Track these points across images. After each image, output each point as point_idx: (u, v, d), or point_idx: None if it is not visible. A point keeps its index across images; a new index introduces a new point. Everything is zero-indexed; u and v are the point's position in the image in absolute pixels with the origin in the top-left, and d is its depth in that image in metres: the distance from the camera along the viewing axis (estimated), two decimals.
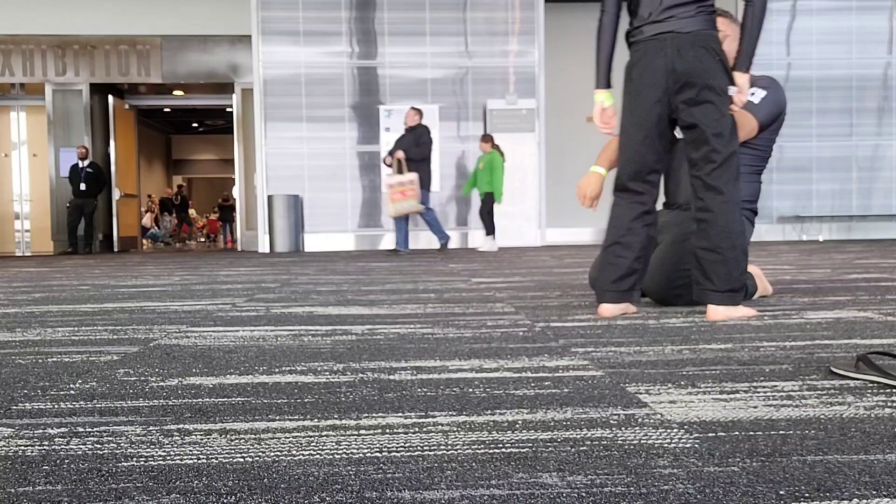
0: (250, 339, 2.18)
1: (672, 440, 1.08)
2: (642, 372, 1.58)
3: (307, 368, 1.69)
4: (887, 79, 11.01)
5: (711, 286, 2.36)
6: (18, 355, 1.95)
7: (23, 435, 1.17)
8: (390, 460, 1.01)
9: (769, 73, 10.91)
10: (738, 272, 2.35)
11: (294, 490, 0.90)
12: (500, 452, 1.03)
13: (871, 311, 2.56)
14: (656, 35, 2.37)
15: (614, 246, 2.49)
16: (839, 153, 11.01)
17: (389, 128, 10.76)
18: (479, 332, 2.23)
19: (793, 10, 10.98)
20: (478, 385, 1.47)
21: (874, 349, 1.80)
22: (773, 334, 2.08)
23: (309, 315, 2.73)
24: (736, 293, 2.36)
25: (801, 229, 11.06)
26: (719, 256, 2.35)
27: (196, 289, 4.10)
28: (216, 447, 1.08)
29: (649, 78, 2.39)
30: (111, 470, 0.99)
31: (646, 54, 2.39)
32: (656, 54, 2.37)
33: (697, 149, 2.41)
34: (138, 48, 11.79)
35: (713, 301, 2.36)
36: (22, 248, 13.03)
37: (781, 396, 1.34)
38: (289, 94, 10.70)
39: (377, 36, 10.77)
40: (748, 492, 0.87)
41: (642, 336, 2.10)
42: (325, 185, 10.77)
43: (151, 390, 1.49)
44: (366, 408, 1.31)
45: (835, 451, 1.01)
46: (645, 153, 2.47)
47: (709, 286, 2.37)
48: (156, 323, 2.60)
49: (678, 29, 2.34)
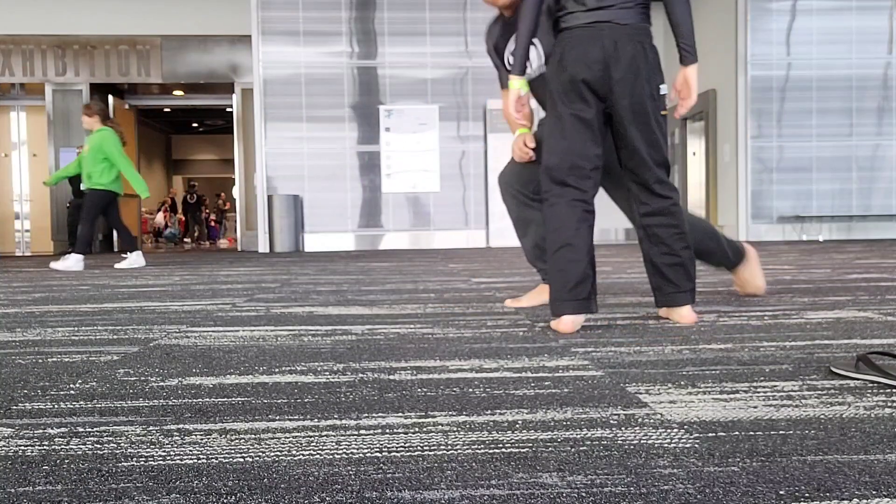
0: (250, 339, 2.18)
1: (672, 440, 1.08)
2: (642, 372, 1.58)
3: (307, 368, 1.69)
4: (887, 79, 11.00)
5: (675, 289, 2.35)
6: (18, 355, 1.95)
7: (23, 435, 1.17)
8: (390, 460, 1.01)
9: (769, 73, 10.92)
10: (694, 270, 2.36)
11: (294, 490, 0.90)
12: (500, 452, 1.03)
13: (871, 311, 2.56)
14: (592, 23, 2.25)
15: (563, 250, 2.23)
16: (839, 153, 11.00)
17: (389, 128, 10.75)
18: (479, 332, 2.23)
19: (793, 10, 10.98)
20: (478, 385, 1.47)
21: (874, 349, 1.80)
22: (773, 334, 2.08)
23: (309, 315, 2.73)
24: (694, 291, 2.37)
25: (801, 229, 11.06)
26: (678, 259, 2.33)
27: (196, 289, 4.10)
28: (216, 447, 1.08)
29: (586, 68, 2.25)
30: (111, 470, 0.99)
31: (580, 42, 2.25)
32: (592, 43, 2.24)
33: (634, 154, 2.32)
34: (138, 48, 11.79)
35: (680, 302, 2.35)
36: (22, 248, 13.03)
37: (781, 396, 1.34)
38: (289, 94, 10.70)
39: (377, 36, 10.77)
40: (748, 492, 0.87)
41: (642, 336, 2.10)
42: (325, 185, 10.76)
43: (151, 390, 1.49)
44: (366, 408, 1.31)
45: (835, 451, 1.01)
46: (588, 145, 2.28)
47: (672, 289, 2.35)
48: (156, 323, 2.60)
49: (616, 20, 2.24)
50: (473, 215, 10.95)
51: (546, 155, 2.32)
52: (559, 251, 2.24)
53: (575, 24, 2.27)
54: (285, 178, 10.73)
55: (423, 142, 10.78)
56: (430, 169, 10.80)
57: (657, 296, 2.39)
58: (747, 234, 10.99)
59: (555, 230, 2.26)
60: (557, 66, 2.31)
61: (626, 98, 2.25)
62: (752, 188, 10.95)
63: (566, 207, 2.26)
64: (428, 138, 10.77)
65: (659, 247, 2.34)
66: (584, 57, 2.25)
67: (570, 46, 2.28)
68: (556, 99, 2.31)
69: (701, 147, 12.18)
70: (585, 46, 2.25)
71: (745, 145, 10.95)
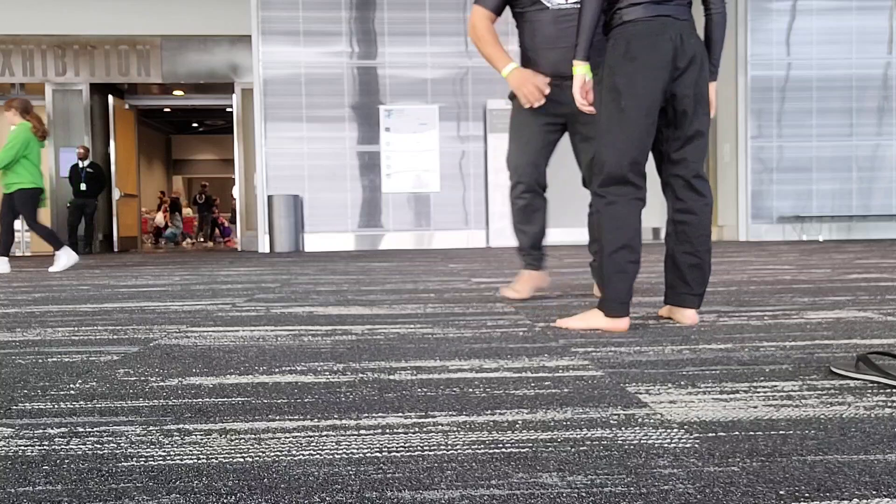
0: (250, 339, 2.18)
1: (672, 440, 1.08)
2: (642, 372, 1.58)
3: (307, 368, 1.69)
4: (887, 79, 11.00)
5: (688, 290, 2.35)
6: (18, 355, 1.95)
7: (23, 435, 1.17)
8: (390, 460, 1.01)
9: (769, 73, 10.92)
10: (709, 275, 2.37)
11: (294, 490, 0.90)
12: (500, 452, 1.03)
13: (871, 311, 2.56)
14: (656, 16, 2.26)
15: (623, 251, 2.22)
16: (839, 153, 11.00)
17: (389, 128, 10.76)
18: (479, 332, 2.23)
19: (793, 10, 10.98)
20: (478, 385, 1.47)
21: (874, 349, 1.80)
22: (773, 334, 2.08)
23: (309, 315, 2.73)
24: (703, 296, 2.38)
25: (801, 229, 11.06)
26: (699, 260, 2.33)
27: (196, 289, 4.10)
28: (216, 447, 1.08)
29: (657, 58, 2.23)
30: (111, 470, 0.99)
31: (650, 32, 2.25)
32: (661, 34, 2.24)
33: (684, 144, 2.32)
34: (138, 48, 11.79)
35: (688, 304, 2.36)
36: (22, 248, 13.02)
37: (781, 396, 1.34)
38: (289, 94, 10.70)
39: (377, 36, 10.76)
40: (748, 492, 0.87)
41: (642, 336, 2.10)
42: (325, 185, 10.76)
43: (151, 390, 1.49)
44: (366, 408, 1.31)
45: (835, 451, 1.01)
46: (647, 140, 2.26)
47: (685, 290, 2.35)
48: (156, 323, 2.60)
49: (676, 14, 2.27)
50: (473, 215, 10.95)
51: (605, 150, 2.28)
52: (618, 252, 2.22)
53: (637, 15, 2.27)
54: (285, 178, 10.73)
55: (423, 142, 10.78)
56: (431, 169, 10.80)
57: (668, 293, 2.40)
58: (747, 234, 10.99)
59: (614, 230, 2.23)
60: (623, 58, 2.27)
61: (692, 87, 2.29)
62: (752, 188, 10.95)
63: (626, 207, 2.24)
64: (428, 138, 10.77)
65: (684, 245, 2.34)
66: (656, 47, 2.24)
67: (635, 34, 2.26)
68: (621, 91, 2.26)
69: None
70: (655, 37, 2.25)
71: (745, 145, 10.95)
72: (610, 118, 2.28)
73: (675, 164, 2.35)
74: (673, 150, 2.35)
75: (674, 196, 2.36)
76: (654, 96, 2.24)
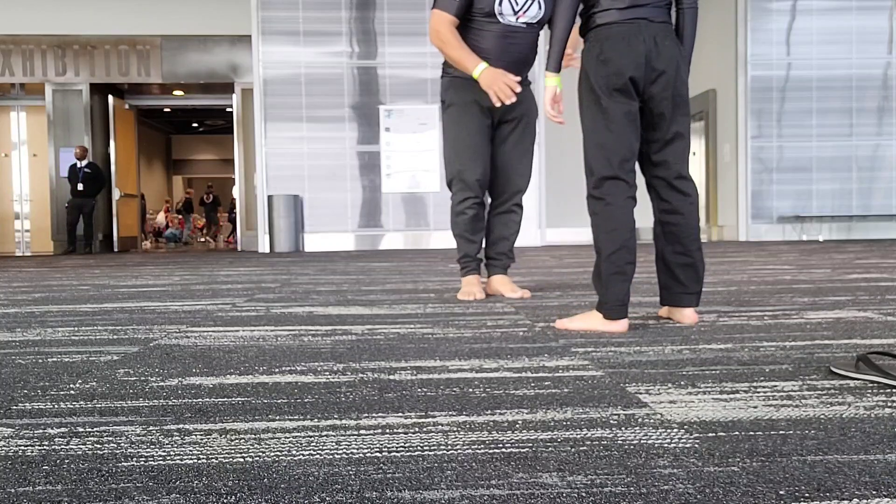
0: (250, 339, 2.18)
1: (672, 440, 1.08)
2: (642, 372, 1.58)
3: (307, 368, 1.69)
4: (887, 79, 11.00)
5: (684, 289, 2.35)
6: (18, 355, 1.95)
7: (23, 435, 1.17)
8: (390, 460, 1.01)
9: (769, 73, 10.92)
10: (703, 273, 2.36)
11: (294, 490, 0.90)
12: (500, 452, 1.03)
13: (871, 311, 2.56)
14: (630, 19, 2.26)
15: (621, 252, 2.21)
16: (839, 153, 11.00)
17: (389, 128, 10.76)
18: (479, 332, 2.23)
19: (793, 10, 10.97)
20: (478, 385, 1.47)
21: (874, 349, 1.80)
22: (773, 334, 2.08)
23: (309, 315, 2.73)
24: (700, 294, 2.37)
25: (801, 229, 11.06)
26: (691, 259, 2.33)
27: (196, 289, 4.10)
28: (216, 447, 1.08)
29: (631, 60, 2.24)
30: (111, 470, 0.99)
31: (622, 37, 2.25)
32: (634, 37, 2.25)
33: (664, 147, 2.32)
34: (138, 48, 11.79)
35: (685, 303, 2.35)
36: (22, 248, 13.03)
37: (781, 396, 1.34)
38: (289, 94, 10.70)
39: (377, 36, 10.76)
40: (748, 492, 0.87)
41: (642, 336, 2.10)
42: (325, 185, 10.76)
43: (151, 390, 1.49)
44: (366, 408, 1.31)
45: (835, 451, 1.01)
46: (633, 138, 2.27)
47: (681, 289, 2.35)
48: (156, 323, 2.60)
49: (651, 17, 2.27)
50: None
51: (593, 151, 2.28)
52: (617, 253, 2.22)
53: (611, 20, 2.28)
54: (285, 178, 10.73)
55: (423, 142, 10.78)
56: (430, 169, 10.80)
57: (663, 294, 2.39)
58: (747, 234, 10.99)
59: (611, 231, 2.23)
60: (597, 60, 2.28)
61: (669, 90, 2.28)
62: (752, 188, 10.95)
63: (621, 207, 2.24)
64: (428, 138, 10.77)
65: (673, 245, 2.33)
66: (630, 50, 2.25)
67: (610, 42, 2.27)
68: (598, 93, 2.27)
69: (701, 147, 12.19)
70: (628, 41, 2.25)
71: (745, 145, 10.95)
72: (594, 119, 2.30)
73: (657, 166, 2.35)
74: (653, 151, 2.35)
75: (658, 197, 2.36)
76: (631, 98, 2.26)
